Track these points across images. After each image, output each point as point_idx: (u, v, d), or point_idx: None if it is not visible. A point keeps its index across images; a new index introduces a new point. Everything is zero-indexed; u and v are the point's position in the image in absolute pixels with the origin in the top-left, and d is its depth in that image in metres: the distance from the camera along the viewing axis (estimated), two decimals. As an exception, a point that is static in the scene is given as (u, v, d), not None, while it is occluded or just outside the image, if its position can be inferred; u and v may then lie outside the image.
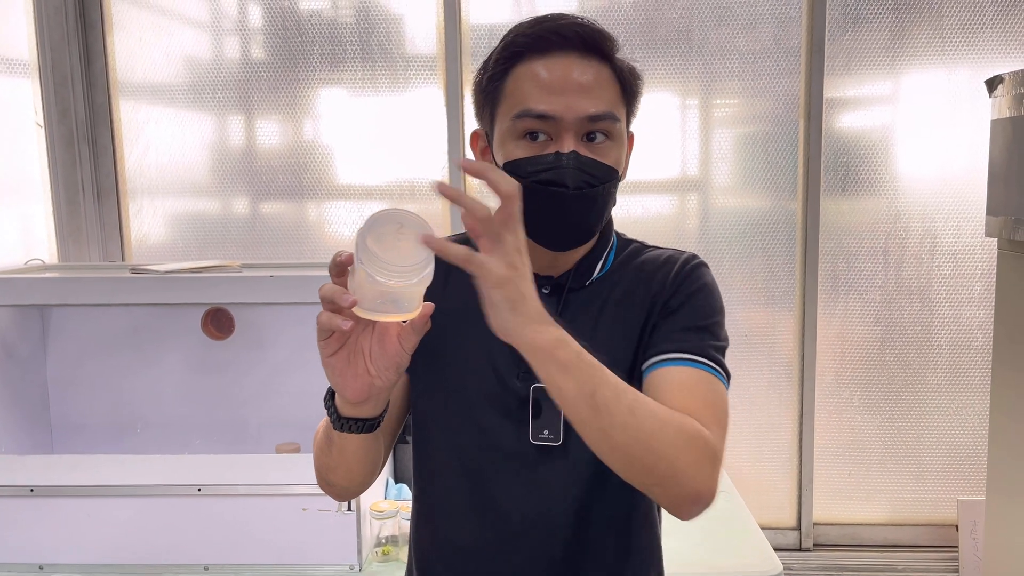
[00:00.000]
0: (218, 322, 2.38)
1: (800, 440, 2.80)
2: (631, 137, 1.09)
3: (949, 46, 2.66)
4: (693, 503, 0.91)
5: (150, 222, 2.85)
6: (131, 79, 2.79)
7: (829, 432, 2.81)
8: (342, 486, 1.07)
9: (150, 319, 2.37)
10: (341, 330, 0.86)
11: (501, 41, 1.03)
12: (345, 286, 0.85)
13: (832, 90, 2.68)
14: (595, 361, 0.87)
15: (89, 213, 2.78)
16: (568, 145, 0.98)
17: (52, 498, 1.85)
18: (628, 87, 1.04)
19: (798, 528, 2.83)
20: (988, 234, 2.21)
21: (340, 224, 2.84)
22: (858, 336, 2.79)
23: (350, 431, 0.97)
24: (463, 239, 1.14)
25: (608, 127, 1.01)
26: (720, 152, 2.74)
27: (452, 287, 1.04)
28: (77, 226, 2.78)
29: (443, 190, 0.84)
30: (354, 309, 0.84)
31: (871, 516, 2.85)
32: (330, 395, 0.98)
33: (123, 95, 2.80)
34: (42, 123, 2.72)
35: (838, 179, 2.72)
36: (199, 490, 1.83)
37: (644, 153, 2.67)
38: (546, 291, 1.07)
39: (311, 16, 2.76)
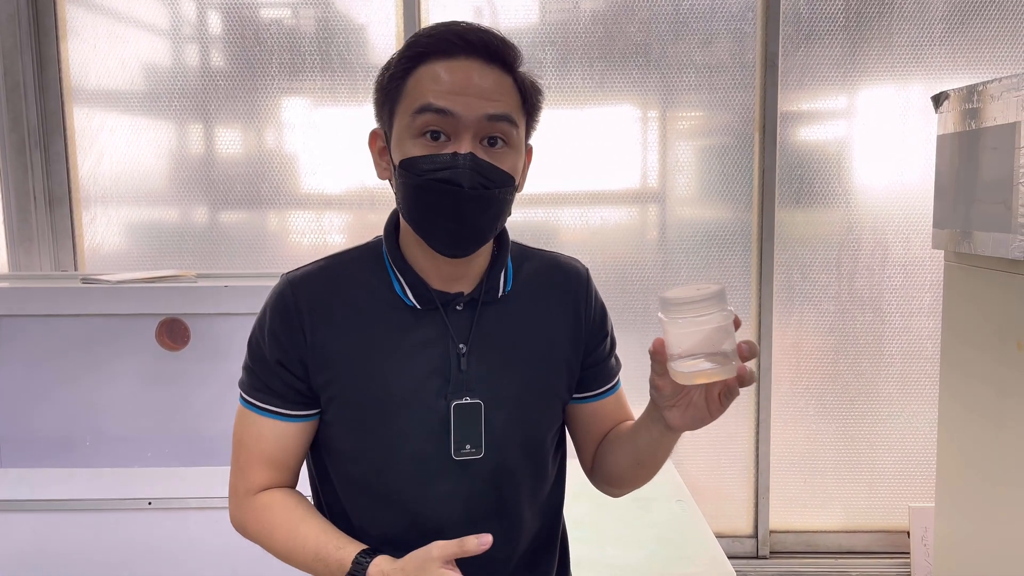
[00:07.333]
0: (173, 333, 2.34)
1: (757, 449, 2.84)
2: (529, 151, 1.09)
3: (899, 62, 2.73)
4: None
5: (104, 231, 2.81)
6: (85, 86, 2.76)
7: (785, 441, 2.85)
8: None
9: (102, 329, 2.33)
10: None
11: (405, 43, 1.04)
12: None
13: (786, 104, 2.74)
14: None
15: (41, 222, 2.73)
16: (466, 146, 0.98)
17: (-3, 513, 1.81)
18: (528, 99, 1.05)
19: (755, 536, 2.87)
20: (935, 246, 2.27)
21: (299, 233, 2.82)
22: (813, 346, 2.84)
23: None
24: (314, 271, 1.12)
25: (507, 130, 1.00)
26: (678, 164, 2.77)
27: (377, 321, 1.07)
28: (28, 235, 2.72)
29: None
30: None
31: (826, 523, 2.89)
32: (364, 555, 0.99)
33: (77, 102, 2.76)
34: (-8, 130, 2.67)
35: (792, 191, 2.78)
36: (149, 504, 1.81)
37: (604, 164, 2.73)
38: (459, 308, 1.07)
39: (271, 24, 2.74)
